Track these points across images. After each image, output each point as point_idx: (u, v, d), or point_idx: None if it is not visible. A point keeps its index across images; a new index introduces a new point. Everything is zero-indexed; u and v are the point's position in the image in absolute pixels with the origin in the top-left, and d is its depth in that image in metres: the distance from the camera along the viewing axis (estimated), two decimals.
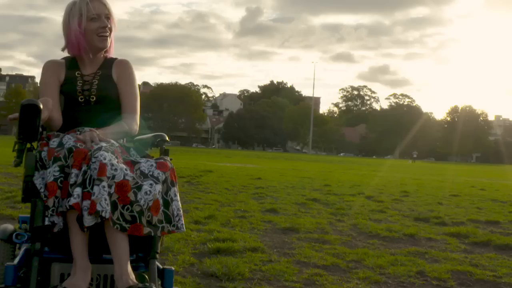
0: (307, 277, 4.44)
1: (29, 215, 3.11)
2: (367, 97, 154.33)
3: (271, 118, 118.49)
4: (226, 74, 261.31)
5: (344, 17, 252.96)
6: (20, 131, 2.63)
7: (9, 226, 3.09)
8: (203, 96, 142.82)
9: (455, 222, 8.29)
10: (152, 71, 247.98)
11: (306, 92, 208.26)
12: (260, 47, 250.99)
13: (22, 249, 2.76)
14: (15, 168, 13.44)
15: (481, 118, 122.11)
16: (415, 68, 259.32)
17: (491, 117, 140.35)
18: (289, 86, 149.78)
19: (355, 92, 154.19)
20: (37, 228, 2.54)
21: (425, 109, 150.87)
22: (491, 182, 22.66)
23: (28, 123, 2.61)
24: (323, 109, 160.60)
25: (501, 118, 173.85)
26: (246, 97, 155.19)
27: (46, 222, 2.52)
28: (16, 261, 2.67)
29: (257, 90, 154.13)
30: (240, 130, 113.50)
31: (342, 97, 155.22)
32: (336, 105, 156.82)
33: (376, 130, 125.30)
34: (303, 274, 4.51)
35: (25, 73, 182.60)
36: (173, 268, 2.80)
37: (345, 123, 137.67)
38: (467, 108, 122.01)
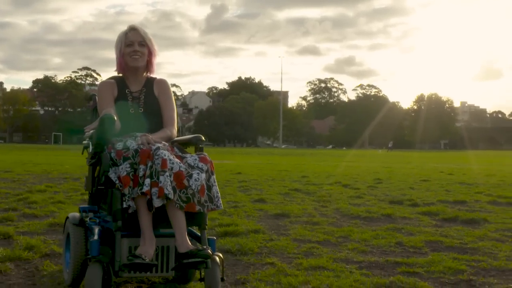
0: (305, 250, 5.27)
1: (87, 205, 3.92)
2: (334, 89, 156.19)
3: (241, 114, 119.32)
4: (194, 72, 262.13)
5: (308, 10, 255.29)
6: (98, 137, 3.43)
7: (76, 214, 3.86)
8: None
9: (426, 203, 9.19)
10: None
11: (274, 86, 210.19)
12: (226, 43, 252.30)
13: (96, 229, 3.53)
14: (9, 174, 14.05)
15: (447, 105, 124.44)
16: (381, 58, 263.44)
17: (456, 104, 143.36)
18: (257, 81, 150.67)
19: (323, 85, 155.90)
20: (117, 211, 3.32)
21: (392, 98, 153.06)
22: (458, 167, 23.82)
23: (106, 132, 3.41)
24: (292, 103, 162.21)
25: (466, 104, 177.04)
26: (215, 94, 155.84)
27: (124, 206, 3.32)
28: (96, 237, 3.45)
29: (226, 86, 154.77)
30: (211, 127, 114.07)
31: (310, 90, 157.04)
32: (304, 98, 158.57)
33: (344, 121, 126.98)
34: (302, 248, 5.34)
35: None
36: (215, 238, 3.64)
37: (314, 116, 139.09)
38: (433, 96, 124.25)
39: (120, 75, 4.01)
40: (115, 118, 3.44)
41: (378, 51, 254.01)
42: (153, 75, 4.06)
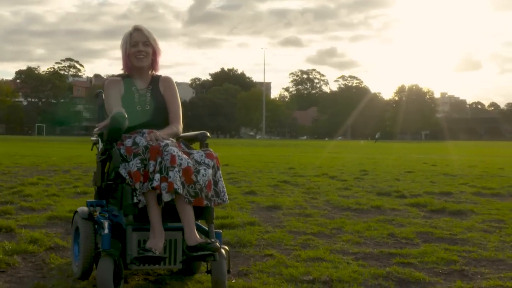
0: (301, 241, 5.43)
1: (94, 200, 4.03)
2: (316, 80, 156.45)
3: (224, 105, 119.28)
4: (177, 63, 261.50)
5: (290, 2, 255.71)
6: (109, 134, 3.54)
7: (85, 208, 3.97)
8: None
9: (413, 195, 9.40)
10: (102, 63, 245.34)
11: (256, 77, 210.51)
12: (209, 35, 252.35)
13: (106, 223, 3.64)
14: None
15: (427, 96, 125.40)
16: (362, 49, 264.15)
17: (437, 95, 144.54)
18: (239, 72, 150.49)
19: (305, 76, 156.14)
20: (128, 205, 3.44)
21: (373, 89, 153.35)
22: (441, 158, 24.16)
23: (117, 129, 3.52)
24: (274, 94, 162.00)
25: (446, 95, 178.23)
26: (198, 85, 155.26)
27: (135, 200, 3.44)
28: (107, 231, 3.56)
29: (209, 78, 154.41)
30: (194, 119, 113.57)
31: (292, 81, 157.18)
32: (287, 89, 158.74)
33: (327, 112, 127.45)
34: (298, 240, 5.50)
35: None
36: (221, 231, 3.77)
37: (296, 107, 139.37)
38: (414, 87, 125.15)
39: (126, 73, 4.13)
40: (126, 116, 3.56)
41: (359, 43, 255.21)
42: (158, 73, 4.18)
